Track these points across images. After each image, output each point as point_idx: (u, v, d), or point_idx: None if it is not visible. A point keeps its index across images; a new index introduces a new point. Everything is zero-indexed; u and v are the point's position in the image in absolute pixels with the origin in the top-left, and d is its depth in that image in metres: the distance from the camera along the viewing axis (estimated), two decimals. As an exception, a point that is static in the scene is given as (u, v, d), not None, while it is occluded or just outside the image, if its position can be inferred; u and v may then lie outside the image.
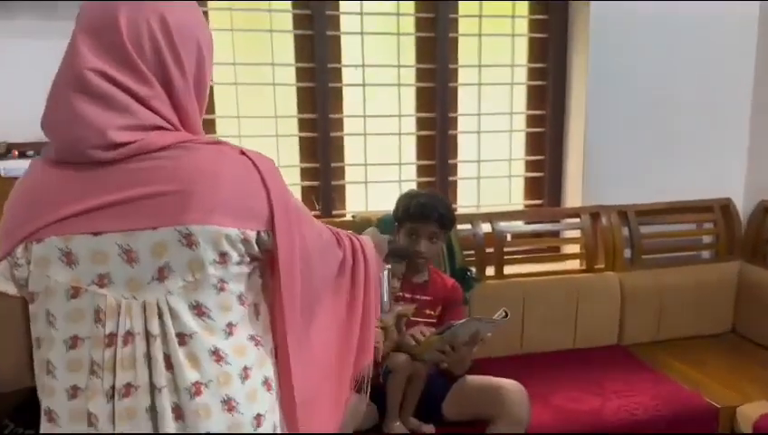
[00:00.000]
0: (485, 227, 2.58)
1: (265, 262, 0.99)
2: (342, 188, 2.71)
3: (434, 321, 2.14)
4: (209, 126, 2.48)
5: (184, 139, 0.92)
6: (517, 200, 2.92)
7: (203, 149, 0.92)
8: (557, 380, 2.34)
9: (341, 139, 2.68)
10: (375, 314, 1.21)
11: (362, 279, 1.17)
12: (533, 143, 2.89)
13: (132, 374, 0.88)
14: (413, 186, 2.77)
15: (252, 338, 0.97)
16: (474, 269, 2.53)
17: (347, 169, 2.71)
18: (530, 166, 2.92)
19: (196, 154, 0.91)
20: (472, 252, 2.56)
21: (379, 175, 2.74)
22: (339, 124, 2.67)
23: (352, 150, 2.71)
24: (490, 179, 2.87)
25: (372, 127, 2.69)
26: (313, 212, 2.05)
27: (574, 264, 2.73)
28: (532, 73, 2.83)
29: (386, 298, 1.52)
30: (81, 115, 0.86)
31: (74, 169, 0.89)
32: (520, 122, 2.88)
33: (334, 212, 2.68)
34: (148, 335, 0.89)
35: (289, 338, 0.99)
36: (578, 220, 2.68)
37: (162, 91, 0.91)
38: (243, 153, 0.95)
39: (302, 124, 2.63)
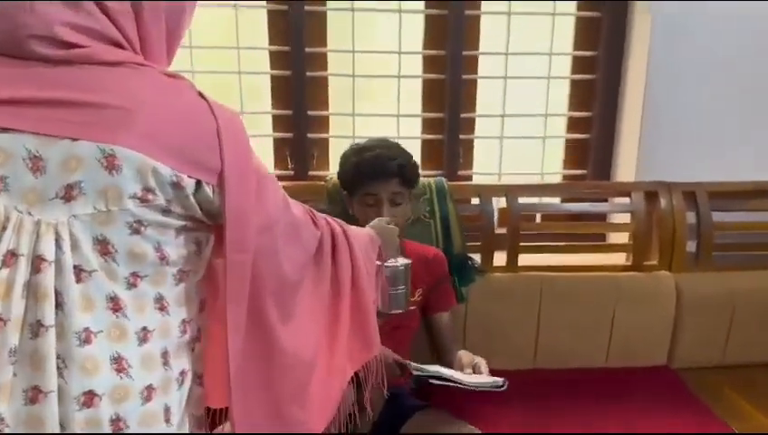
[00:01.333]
0: (502, 204, 1.99)
1: (212, 232, 0.91)
2: (324, 143, 2.17)
3: (414, 308, 1.67)
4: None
5: (138, 61, 0.83)
6: (554, 169, 2.29)
7: (157, 76, 0.84)
8: (575, 407, 1.76)
9: (325, 80, 2.12)
10: (375, 306, 1.19)
11: (348, 265, 1.11)
12: (579, 95, 2.22)
13: (5, 305, 0.75)
14: (416, 145, 2.19)
15: (158, 300, 0.85)
16: (476, 258, 1.96)
17: (331, 119, 2.16)
18: (573, 125, 2.26)
19: (147, 78, 0.83)
20: (479, 235, 1.98)
21: (372, 129, 2.17)
22: (322, 60, 2.11)
23: (338, 96, 2.15)
24: (518, 141, 2.24)
25: (364, 66, 2.11)
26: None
27: (618, 258, 2.08)
28: (582, 3, 2.15)
29: (401, 298, 1.37)
30: None
31: (7, 61, 0.79)
32: (562, 66, 2.21)
33: (311, 173, 2.15)
34: (35, 261, 0.77)
35: (230, 323, 0.89)
36: (627, 201, 2.03)
37: (131, 11, 0.83)
38: (202, 96, 0.85)
39: (275, 57, 2.10)
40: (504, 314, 1.94)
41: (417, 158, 2.14)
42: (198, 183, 0.83)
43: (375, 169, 1.58)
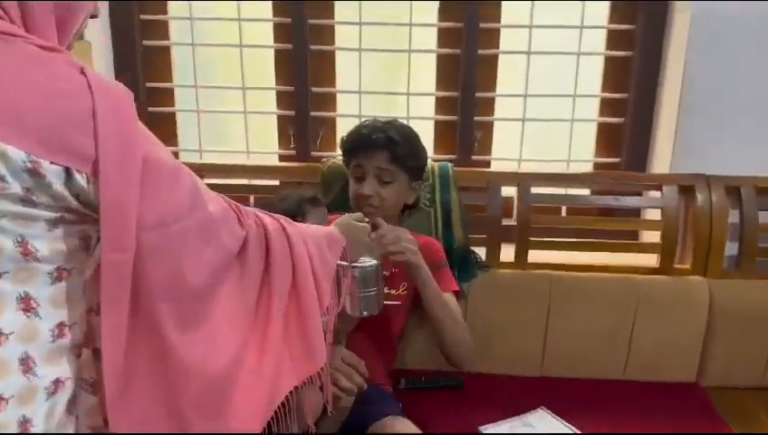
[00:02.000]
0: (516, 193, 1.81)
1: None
2: (332, 122, 2.05)
3: (398, 303, 1.55)
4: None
5: (10, 30, 0.74)
6: (584, 156, 2.06)
7: (25, 48, 0.74)
8: (585, 422, 1.56)
9: (332, 54, 1.99)
10: (323, 311, 1.06)
11: (287, 266, 1.00)
12: (614, 74, 1.98)
13: None
14: (429, 126, 2.03)
15: (23, 300, 0.76)
16: (481, 252, 1.79)
17: (339, 97, 2.03)
18: (607, 107, 2.02)
19: (15, 50, 0.74)
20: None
21: (380, 109, 2.03)
22: (329, 33, 1.97)
23: (345, 73, 2.01)
24: (543, 125, 2.03)
25: (371, 38, 1.96)
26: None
27: (647, 259, 1.85)
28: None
29: (371, 301, 1.23)
30: None
31: None
32: (594, 41, 1.97)
33: (315, 153, 2.03)
34: None
35: (104, 329, 0.78)
36: (658, 195, 1.79)
37: None
38: (83, 72, 0.75)
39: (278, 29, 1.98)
40: (509, 315, 1.77)
41: (428, 140, 2.02)
42: (68, 171, 0.73)
43: (363, 139, 1.48)
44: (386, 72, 2.05)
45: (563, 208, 2.04)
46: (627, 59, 1.95)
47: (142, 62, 1.99)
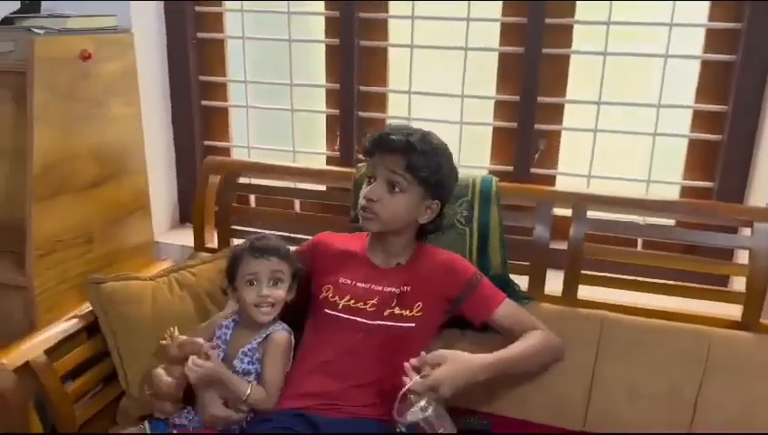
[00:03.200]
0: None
1: None
2: (380, 124, 1.90)
3: (412, 326, 1.39)
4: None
5: None
6: (671, 177, 1.75)
7: None
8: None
9: (384, 51, 1.85)
10: None
11: None
12: (712, 81, 1.66)
13: None
14: (487, 133, 1.82)
15: None
16: (521, 281, 1.57)
17: (390, 97, 1.88)
18: (701, 121, 1.70)
19: None
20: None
21: (432, 111, 1.85)
22: (381, 29, 1.83)
23: (398, 72, 1.85)
24: (622, 137, 1.75)
25: (425, 34, 1.79)
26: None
27: (727, 309, 1.52)
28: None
29: None
30: None
31: None
32: (689, 41, 1.65)
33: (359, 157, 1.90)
34: None
35: None
36: (748, 232, 1.46)
37: None
38: None
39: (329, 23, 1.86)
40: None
41: (485, 148, 1.82)
42: None
43: (382, 138, 1.35)
44: (439, 71, 1.87)
45: (639, 241, 1.75)
46: (727, 64, 1.61)
47: (195, 56, 1.97)
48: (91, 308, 1.58)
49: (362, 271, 1.42)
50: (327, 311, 1.40)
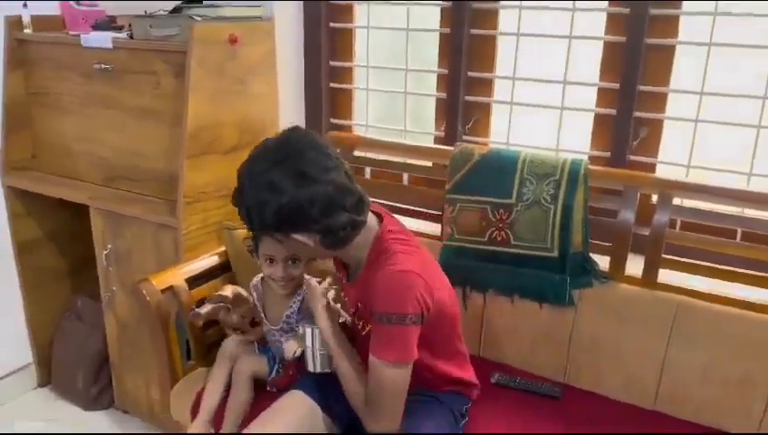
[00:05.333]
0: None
1: None
2: (487, 108, 2.03)
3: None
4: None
5: None
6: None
7: None
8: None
9: (493, 39, 1.97)
10: None
11: None
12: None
13: None
14: (588, 118, 1.89)
15: None
16: (601, 260, 1.64)
17: (496, 83, 2.01)
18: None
19: None
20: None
21: (535, 97, 1.95)
22: (492, 18, 1.95)
23: (504, 58, 1.97)
24: (728, 128, 1.73)
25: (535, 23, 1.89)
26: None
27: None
28: None
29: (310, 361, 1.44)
30: None
31: None
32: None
33: (465, 137, 2.05)
34: None
35: None
36: None
37: None
38: None
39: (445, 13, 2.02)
40: (622, 334, 1.60)
41: (586, 133, 1.89)
42: None
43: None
44: (545, 58, 1.95)
45: (738, 231, 1.72)
46: None
47: (327, 43, 2.23)
48: (224, 249, 1.90)
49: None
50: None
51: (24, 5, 2.10)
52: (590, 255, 1.66)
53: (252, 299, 1.65)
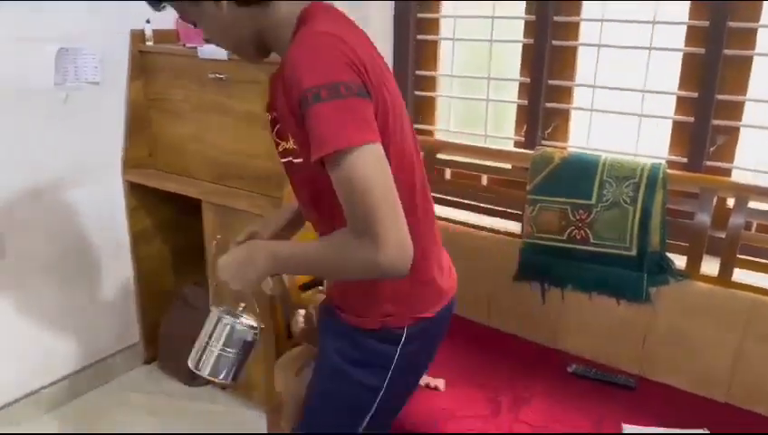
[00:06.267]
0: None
1: None
2: (565, 114, 2.15)
3: (300, 161, 1.12)
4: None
5: None
6: None
7: None
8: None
9: (574, 51, 2.09)
10: None
11: None
12: None
13: None
14: (666, 126, 1.98)
15: None
16: (678, 260, 1.73)
17: (575, 90, 2.13)
18: None
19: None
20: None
21: (614, 105, 2.06)
22: (573, 30, 2.08)
23: (584, 69, 2.09)
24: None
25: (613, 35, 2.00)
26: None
27: None
28: None
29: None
30: None
31: None
32: None
33: (544, 142, 2.17)
34: None
35: None
36: None
37: None
38: None
39: (528, 27, 2.16)
40: (697, 328, 1.69)
41: (664, 139, 1.98)
42: None
43: None
44: (625, 69, 2.06)
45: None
46: None
47: (414, 54, 2.40)
48: (320, 242, 2.09)
49: None
50: None
51: (148, 21, 2.37)
52: (667, 254, 1.75)
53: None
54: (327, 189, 0.96)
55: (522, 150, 2.12)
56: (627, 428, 1.55)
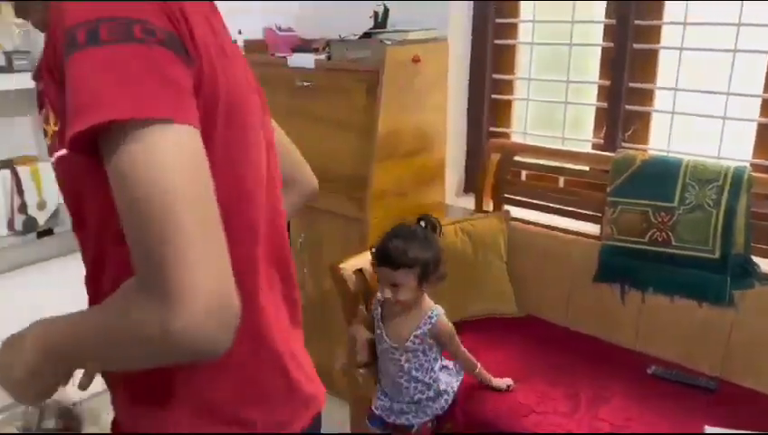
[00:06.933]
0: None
1: None
2: (646, 117, 2.16)
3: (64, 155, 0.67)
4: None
5: None
6: None
7: None
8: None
9: (655, 53, 2.10)
10: None
11: None
12: None
13: None
14: (751, 129, 1.96)
15: None
16: (761, 265, 1.72)
17: (656, 93, 2.13)
18: None
19: None
20: None
21: (696, 108, 2.04)
22: (655, 33, 2.08)
23: (666, 71, 2.09)
24: None
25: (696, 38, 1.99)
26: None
27: None
28: None
29: None
30: None
31: None
32: None
33: (624, 144, 2.18)
34: None
35: None
36: None
37: None
38: None
39: (607, 30, 2.17)
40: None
41: (749, 142, 1.96)
42: None
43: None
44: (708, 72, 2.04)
45: None
46: None
47: (491, 58, 2.45)
48: (401, 242, 2.18)
49: None
50: None
51: (239, 32, 2.52)
52: (752, 257, 1.74)
53: (375, 315, 1.79)
54: (103, 210, 0.60)
55: (602, 153, 2.14)
56: (709, 429, 1.57)
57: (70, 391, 0.77)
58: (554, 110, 2.37)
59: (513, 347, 1.95)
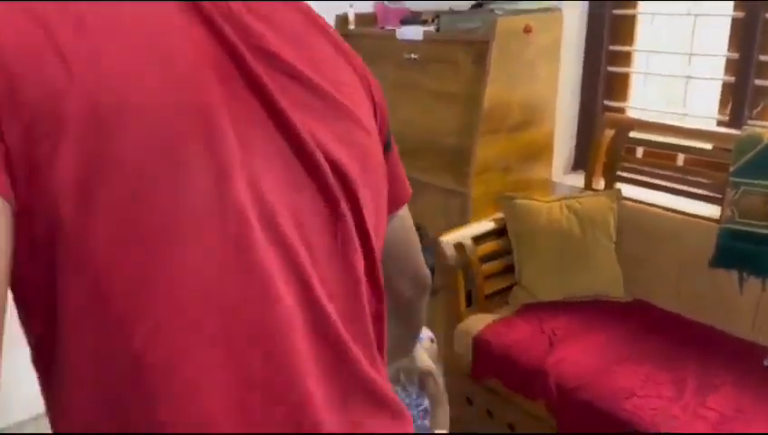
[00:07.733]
0: None
1: None
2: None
3: None
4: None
5: None
6: None
7: None
8: None
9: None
10: None
11: None
12: None
13: None
14: None
15: None
16: None
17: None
18: None
19: None
20: None
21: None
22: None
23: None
24: None
25: None
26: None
27: None
28: None
29: None
30: None
31: None
32: None
33: (750, 122, 2.02)
34: None
35: None
36: None
37: None
38: None
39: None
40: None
41: None
42: None
43: None
44: None
45: None
46: None
47: (609, 29, 2.34)
48: (502, 216, 2.16)
49: None
50: None
51: (351, 5, 2.58)
52: None
53: None
54: None
55: (725, 130, 1.99)
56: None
57: None
58: (674, 84, 2.24)
59: (617, 331, 1.88)
